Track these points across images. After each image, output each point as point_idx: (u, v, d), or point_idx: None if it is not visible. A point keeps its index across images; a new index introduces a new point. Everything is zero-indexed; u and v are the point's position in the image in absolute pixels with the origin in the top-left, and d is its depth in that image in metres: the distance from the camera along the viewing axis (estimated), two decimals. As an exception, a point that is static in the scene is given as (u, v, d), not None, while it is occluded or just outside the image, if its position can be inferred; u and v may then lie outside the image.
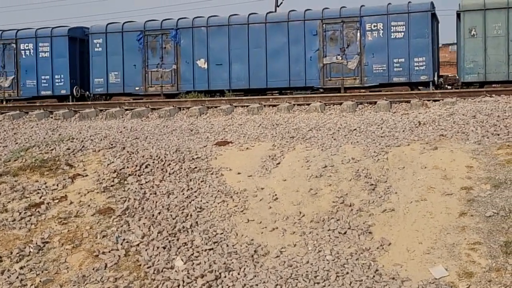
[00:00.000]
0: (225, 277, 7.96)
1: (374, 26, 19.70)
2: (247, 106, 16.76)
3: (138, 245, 8.86)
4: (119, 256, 8.65)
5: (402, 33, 19.46)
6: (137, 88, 21.76)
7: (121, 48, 21.95)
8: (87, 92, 22.42)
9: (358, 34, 19.89)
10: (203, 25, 21.26)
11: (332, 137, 12.16)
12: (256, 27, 20.70)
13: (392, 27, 19.55)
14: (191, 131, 13.96)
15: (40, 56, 22.65)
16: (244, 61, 20.71)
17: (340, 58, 20.00)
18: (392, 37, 19.54)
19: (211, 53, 21.06)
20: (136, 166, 11.24)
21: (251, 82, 20.67)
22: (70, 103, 20.54)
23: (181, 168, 11.09)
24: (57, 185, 10.92)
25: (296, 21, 20.38)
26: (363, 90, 19.30)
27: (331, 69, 20.12)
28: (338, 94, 18.26)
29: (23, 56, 22.82)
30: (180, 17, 21.78)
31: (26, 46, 22.78)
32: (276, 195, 9.92)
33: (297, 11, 20.76)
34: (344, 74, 19.94)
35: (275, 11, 33.75)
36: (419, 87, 19.69)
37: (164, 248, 8.71)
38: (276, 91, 21.03)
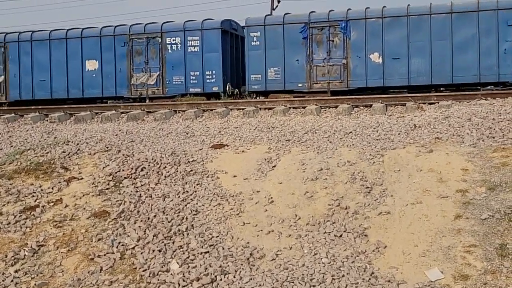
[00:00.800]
0: (220, 280, 7.95)
1: None
2: (243, 109, 16.75)
3: (133, 248, 8.84)
4: (115, 259, 8.63)
5: None
6: (300, 85, 20.11)
7: (281, 41, 20.22)
8: (236, 90, 21.14)
9: None
10: (377, 16, 19.58)
11: (328, 140, 12.17)
12: (439, 17, 19.16)
13: None
14: (187, 134, 13.95)
15: (188, 50, 21.03)
16: (425, 54, 19.16)
17: None
18: None
19: (386, 46, 19.44)
20: (132, 169, 11.22)
21: (433, 78, 19.15)
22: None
23: (177, 171, 11.08)
24: (52, 188, 10.90)
25: (487, 10, 18.80)
26: None
27: None
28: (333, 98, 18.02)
29: (169, 51, 21.21)
30: (349, 8, 20.19)
31: (173, 40, 21.16)
32: (272, 198, 9.92)
33: (488, 0, 19.14)
34: None
35: (271, 14, 33.70)
36: None
37: (159, 251, 8.69)
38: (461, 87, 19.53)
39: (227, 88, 20.72)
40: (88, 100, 21.72)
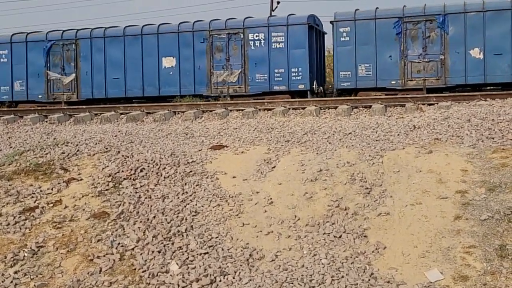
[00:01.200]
0: (220, 281, 7.94)
1: None
2: (242, 110, 16.76)
3: (133, 249, 8.84)
4: (114, 260, 8.62)
5: None
6: (393, 82, 19.45)
7: (373, 37, 19.55)
8: (321, 88, 20.54)
9: None
10: (478, 9, 18.80)
11: (327, 141, 12.17)
12: None
13: None
14: (186, 135, 13.95)
15: (272, 46, 20.37)
16: None
17: None
18: None
19: (488, 41, 18.65)
20: (131, 170, 11.22)
21: None
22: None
23: (176, 172, 11.08)
24: (52, 189, 10.89)
25: None
26: None
27: None
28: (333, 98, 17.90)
29: (252, 47, 20.56)
30: (446, 2, 19.50)
31: (256, 36, 20.54)
32: (271, 199, 9.92)
33: None
34: None
35: (270, 15, 33.72)
36: None
37: (159, 252, 8.69)
38: None
39: (314, 86, 20.23)
40: (164, 99, 21.04)
